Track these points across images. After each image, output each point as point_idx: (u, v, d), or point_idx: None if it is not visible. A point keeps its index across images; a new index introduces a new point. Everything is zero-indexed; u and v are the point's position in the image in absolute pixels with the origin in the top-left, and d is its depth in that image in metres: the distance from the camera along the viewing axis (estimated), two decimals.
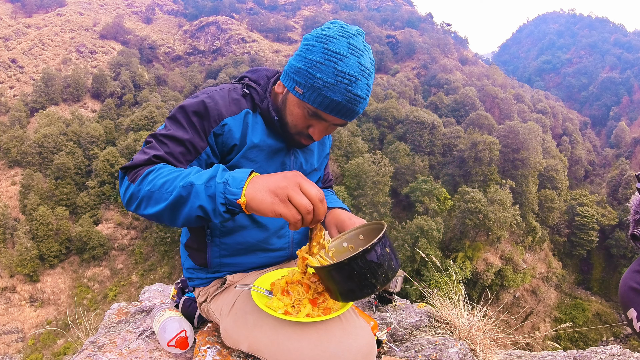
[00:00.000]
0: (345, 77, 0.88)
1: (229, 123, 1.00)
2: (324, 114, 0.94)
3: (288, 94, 0.99)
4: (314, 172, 1.28)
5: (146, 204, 0.83)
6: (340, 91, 0.89)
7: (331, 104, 0.91)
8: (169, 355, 1.17)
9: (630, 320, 0.77)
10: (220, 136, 1.00)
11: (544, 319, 28.87)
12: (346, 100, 0.90)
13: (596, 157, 55.04)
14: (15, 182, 36.14)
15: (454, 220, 30.14)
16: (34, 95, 47.06)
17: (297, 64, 0.93)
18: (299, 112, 0.97)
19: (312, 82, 0.89)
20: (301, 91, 0.92)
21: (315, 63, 0.89)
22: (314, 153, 1.25)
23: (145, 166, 0.89)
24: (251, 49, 66.32)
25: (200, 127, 0.97)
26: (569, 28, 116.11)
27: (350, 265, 0.80)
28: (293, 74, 0.94)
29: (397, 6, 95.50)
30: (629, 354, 1.23)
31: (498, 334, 1.68)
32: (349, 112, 0.93)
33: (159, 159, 0.91)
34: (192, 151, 0.96)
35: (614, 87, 76.13)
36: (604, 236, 35.39)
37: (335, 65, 0.88)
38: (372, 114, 41.38)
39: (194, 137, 0.96)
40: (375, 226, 0.99)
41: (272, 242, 1.12)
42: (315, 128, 0.99)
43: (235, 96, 1.04)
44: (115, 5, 77.72)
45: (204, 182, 0.76)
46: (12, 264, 28.87)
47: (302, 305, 0.90)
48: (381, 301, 1.85)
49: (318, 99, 0.91)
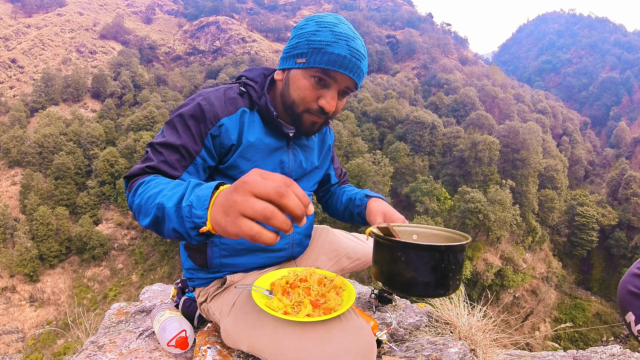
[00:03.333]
0: (342, 35, 0.93)
1: (225, 123, 1.00)
2: (332, 73, 0.94)
3: (290, 72, 1.00)
4: (316, 171, 1.27)
5: (138, 216, 0.82)
6: (342, 46, 0.93)
7: (337, 59, 0.92)
8: (169, 355, 1.17)
9: (628, 323, 0.77)
10: (217, 137, 1.00)
11: (544, 319, 28.87)
12: (350, 54, 0.93)
13: (596, 157, 55.05)
14: (15, 182, 36.15)
15: (454, 220, 30.15)
16: (34, 95, 47.08)
17: (293, 41, 0.98)
18: (305, 83, 0.97)
19: (313, 46, 0.93)
20: (304, 59, 0.95)
21: (312, 32, 0.94)
22: (314, 150, 1.23)
23: (140, 176, 0.90)
24: (251, 49, 66.33)
25: (196, 130, 0.97)
26: (569, 28, 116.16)
27: (445, 253, 0.74)
28: (292, 50, 0.98)
29: (397, 6, 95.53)
30: (629, 354, 1.23)
31: (498, 334, 1.68)
32: (355, 67, 0.95)
33: (152, 169, 0.91)
34: (186, 157, 0.96)
35: (614, 87, 76.15)
36: (604, 236, 35.39)
37: (331, 29, 0.94)
38: (372, 114, 41.38)
39: (188, 141, 0.96)
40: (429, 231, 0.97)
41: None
42: (326, 96, 0.98)
43: (232, 95, 1.04)
44: (115, 5, 77.73)
45: (174, 204, 0.70)
46: (12, 264, 28.87)
47: (303, 305, 0.90)
48: (381, 301, 1.85)
49: (324, 58, 0.93)
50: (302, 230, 1.22)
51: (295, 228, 1.17)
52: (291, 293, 0.93)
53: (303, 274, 0.99)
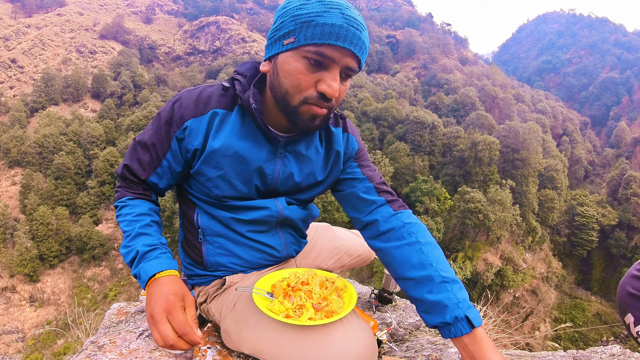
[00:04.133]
0: (334, 4, 0.78)
1: (189, 125, 0.93)
2: (329, 50, 0.77)
3: (277, 58, 0.84)
4: (319, 185, 1.09)
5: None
6: (335, 15, 0.76)
7: (333, 30, 0.76)
8: (169, 355, 1.17)
9: (627, 324, 0.78)
10: (182, 140, 0.94)
11: (544, 319, 28.87)
12: (346, 23, 0.77)
13: (596, 157, 55.07)
14: (15, 182, 36.16)
15: (454, 220, 30.15)
16: (34, 95, 47.10)
17: (278, 22, 0.83)
18: (297, 67, 0.80)
19: (301, 20, 0.77)
20: (292, 39, 0.79)
21: (297, 6, 0.79)
22: (314, 162, 1.04)
23: (119, 186, 1.06)
24: (251, 49, 66.35)
25: (165, 132, 0.95)
26: (569, 28, 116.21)
27: None
28: (276, 32, 0.83)
29: (397, 6, 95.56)
30: (629, 354, 1.23)
31: (498, 334, 1.68)
32: (355, 38, 0.78)
33: (127, 169, 1.02)
34: (154, 158, 0.99)
35: (614, 87, 76.19)
36: (604, 236, 35.40)
37: (318, 1, 0.78)
38: (372, 114, 41.39)
39: (157, 142, 0.97)
40: None
41: (260, 245, 1.11)
42: (325, 78, 0.81)
43: (207, 95, 0.94)
44: (115, 5, 77.75)
45: (128, 261, 0.96)
46: (12, 264, 28.88)
47: (305, 309, 0.89)
48: (381, 301, 1.85)
49: (316, 31, 0.76)
50: (293, 231, 1.16)
51: (284, 229, 1.13)
52: (293, 296, 0.92)
53: (305, 277, 0.98)
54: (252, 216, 1.03)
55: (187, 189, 1.07)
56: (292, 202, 1.09)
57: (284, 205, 1.06)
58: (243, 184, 0.99)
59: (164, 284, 0.90)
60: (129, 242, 0.96)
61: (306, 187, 1.07)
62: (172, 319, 0.85)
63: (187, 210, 1.09)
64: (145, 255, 0.94)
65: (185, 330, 0.85)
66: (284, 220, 1.08)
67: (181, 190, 1.10)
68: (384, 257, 1.04)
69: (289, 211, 1.07)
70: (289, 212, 1.07)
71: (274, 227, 1.10)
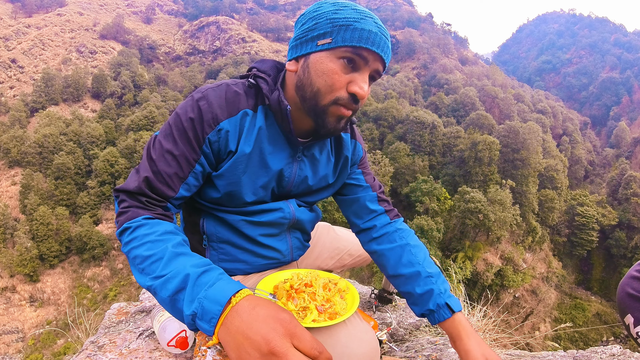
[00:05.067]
0: (367, 13, 0.84)
1: (225, 127, 0.87)
2: (365, 52, 0.81)
3: (309, 58, 0.85)
4: (328, 189, 1.10)
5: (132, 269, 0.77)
6: (369, 23, 0.82)
7: (369, 35, 0.81)
8: (169, 355, 1.17)
9: (627, 325, 0.78)
10: (216, 142, 0.87)
11: (544, 319, 28.88)
12: (379, 31, 0.82)
13: (596, 157, 55.08)
14: (15, 182, 36.16)
15: (454, 220, 30.15)
16: (34, 95, 47.11)
17: (309, 24, 0.84)
18: (332, 67, 0.82)
19: (339, 23, 0.81)
20: (329, 39, 0.82)
21: (334, 10, 0.82)
22: (325, 165, 1.05)
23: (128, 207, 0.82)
24: (251, 49, 66.36)
25: (193, 135, 0.85)
26: (569, 28, 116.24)
27: None
28: (309, 33, 0.84)
29: (397, 6, 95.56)
30: (629, 354, 1.23)
31: (498, 334, 1.68)
32: (385, 46, 0.84)
33: (147, 185, 0.83)
34: (184, 166, 0.86)
35: (614, 87, 76.20)
36: (604, 236, 35.41)
37: (353, 7, 0.84)
38: (372, 114, 41.39)
39: (185, 148, 0.85)
40: None
41: (268, 249, 1.09)
42: (357, 80, 0.83)
43: (233, 94, 0.89)
44: (115, 5, 77.75)
45: (168, 295, 0.67)
46: (12, 264, 28.88)
47: (309, 310, 0.88)
48: (381, 301, 1.85)
49: (354, 34, 0.80)
50: (300, 235, 1.15)
51: (294, 233, 1.12)
52: (296, 298, 0.90)
53: (307, 278, 0.96)
54: (266, 218, 1.01)
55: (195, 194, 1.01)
56: (301, 204, 1.09)
57: (295, 207, 1.06)
58: (262, 187, 0.97)
59: (255, 305, 0.62)
60: (162, 267, 0.70)
61: (317, 190, 1.08)
62: (299, 341, 0.59)
63: (191, 214, 1.05)
64: (202, 277, 0.67)
65: (320, 348, 0.60)
66: (295, 223, 1.08)
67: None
68: (377, 257, 1.13)
69: (300, 213, 1.07)
70: (300, 214, 1.07)
71: (284, 232, 1.09)
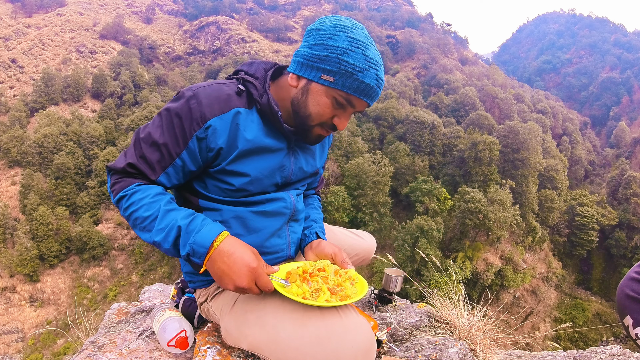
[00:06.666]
0: (373, 62, 0.91)
1: (213, 124, 0.93)
2: (355, 100, 0.94)
3: (310, 85, 0.95)
4: (317, 174, 1.25)
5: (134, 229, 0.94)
6: (371, 75, 0.91)
7: (366, 89, 0.92)
8: (169, 355, 1.17)
9: (627, 327, 0.78)
10: (203, 140, 0.94)
11: (544, 319, 28.88)
12: (376, 84, 0.93)
13: (596, 157, 55.06)
14: (15, 182, 36.14)
15: (454, 220, 30.14)
16: (34, 95, 47.06)
17: (321, 52, 0.91)
18: (326, 101, 0.95)
19: (345, 68, 0.89)
20: (332, 79, 0.91)
21: (345, 50, 0.89)
22: (315, 153, 1.20)
23: (121, 178, 0.96)
24: (251, 49, 66.32)
25: (179, 130, 0.93)
26: (569, 28, 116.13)
27: None
28: (318, 62, 0.92)
29: (397, 6, 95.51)
30: (629, 354, 1.23)
31: (498, 334, 1.68)
32: (376, 96, 0.96)
33: (132, 167, 0.95)
34: (166, 157, 0.94)
35: (614, 87, 76.16)
36: (604, 236, 35.40)
37: (363, 52, 0.90)
38: (372, 114, 41.37)
39: (169, 141, 0.93)
40: None
41: (270, 244, 1.11)
42: (341, 117, 0.98)
43: (225, 94, 0.96)
44: (115, 5, 77.70)
45: (169, 245, 0.88)
46: (12, 264, 28.87)
47: (322, 291, 0.92)
48: (381, 301, 1.85)
49: (354, 84, 0.91)
50: (300, 229, 1.20)
51: (291, 227, 1.16)
52: (310, 281, 0.95)
53: (320, 265, 1.01)
54: (270, 207, 1.07)
55: (198, 189, 1.05)
56: (298, 193, 1.19)
57: (295, 197, 1.14)
58: (268, 179, 1.04)
59: (232, 249, 0.87)
60: (160, 223, 0.88)
61: (309, 175, 1.20)
62: (259, 282, 0.89)
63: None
64: (190, 226, 0.88)
65: (270, 287, 0.90)
66: (294, 214, 1.15)
67: (183, 193, 1.09)
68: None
69: (298, 203, 1.17)
70: (299, 204, 1.17)
71: (284, 225, 1.14)
